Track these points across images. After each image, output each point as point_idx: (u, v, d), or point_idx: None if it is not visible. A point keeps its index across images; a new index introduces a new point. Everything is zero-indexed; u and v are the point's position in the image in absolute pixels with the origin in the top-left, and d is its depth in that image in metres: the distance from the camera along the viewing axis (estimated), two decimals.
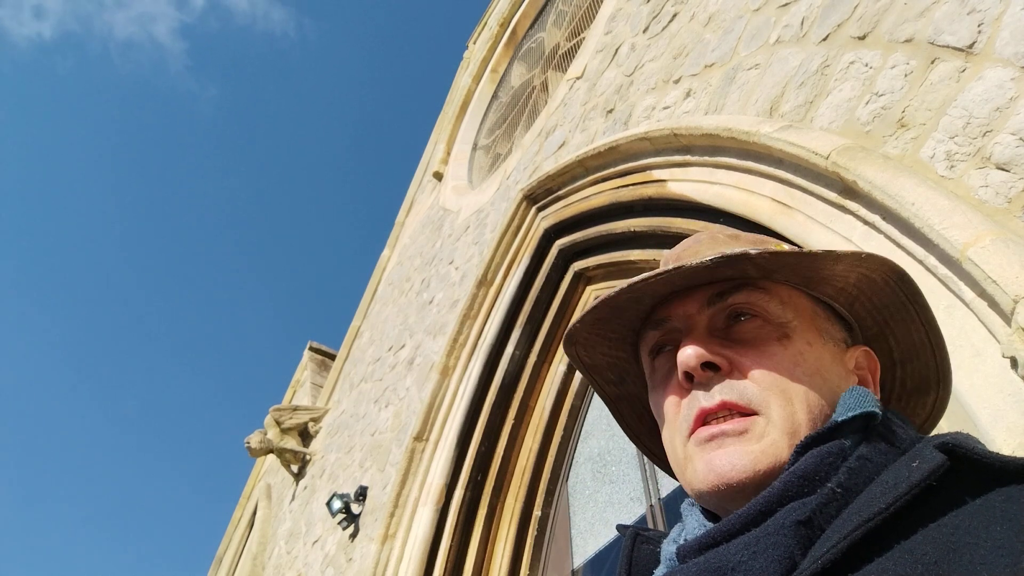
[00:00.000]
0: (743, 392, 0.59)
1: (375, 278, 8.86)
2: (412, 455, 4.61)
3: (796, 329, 0.63)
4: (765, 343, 0.62)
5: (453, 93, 9.74)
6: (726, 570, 0.49)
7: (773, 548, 0.48)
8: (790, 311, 0.64)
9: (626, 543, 0.64)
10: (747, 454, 0.56)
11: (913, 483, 0.46)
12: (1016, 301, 1.43)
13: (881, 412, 0.58)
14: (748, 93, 2.79)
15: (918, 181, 1.79)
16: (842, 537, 0.45)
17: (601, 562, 3.46)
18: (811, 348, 0.62)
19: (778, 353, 0.61)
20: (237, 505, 9.60)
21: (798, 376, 0.59)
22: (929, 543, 0.43)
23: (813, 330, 0.64)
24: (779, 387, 0.59)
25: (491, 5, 9.93)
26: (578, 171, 4.02)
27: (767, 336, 0.62)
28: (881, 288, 0.66)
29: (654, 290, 0.65)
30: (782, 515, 0.50)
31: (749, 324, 0.63)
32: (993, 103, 1.73)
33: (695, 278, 0.64)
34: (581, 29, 6.49)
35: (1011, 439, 1.42)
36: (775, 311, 0.63)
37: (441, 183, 8.31)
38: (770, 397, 0.58)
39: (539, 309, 4.51)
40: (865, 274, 0.65)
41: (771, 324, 0.63)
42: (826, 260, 0.63)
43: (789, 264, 0.63)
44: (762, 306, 0.63)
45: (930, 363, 0.69)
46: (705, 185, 2.86)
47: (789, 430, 0.57)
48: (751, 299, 0.63)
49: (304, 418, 7.65)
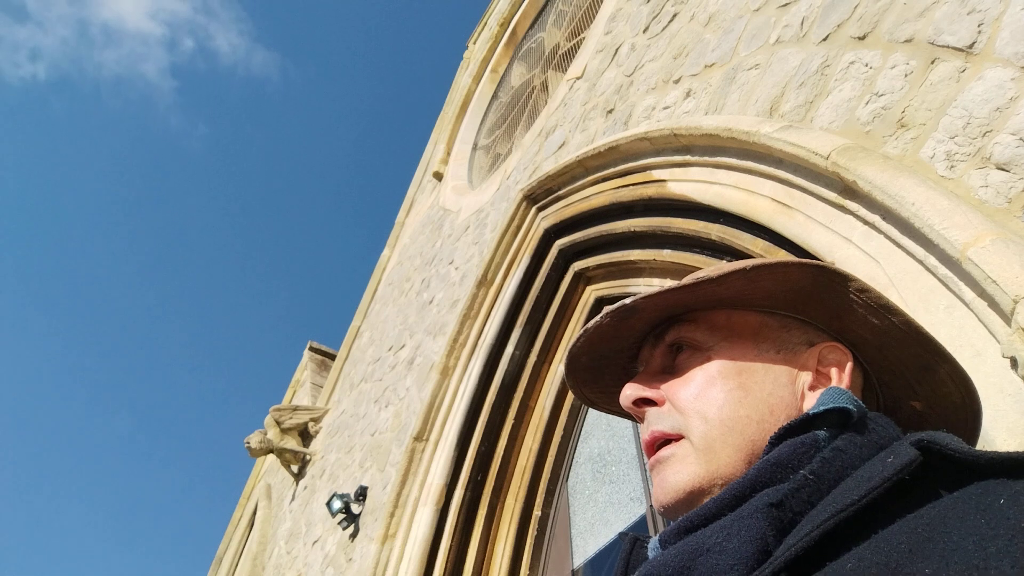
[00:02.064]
0: (670, 421, 0.65)
1: (375, 278, 8.86)
2: (412, 455, 4.60)
3: (720, 350, 0.67)
4: (688, 370, 0.68)
5: (453, 93, 9.74)
6: (701, 552, 0.51)
7: (747, 530, 0.50)
8: (719, 334, 0.68)
9: (624, 547, 0.67)
10: (675, 473, 0.62)
11: (886, 477, 0.48)
12: (1016, 301, 1.43)
13: (857, 409, 0.59)
14: (748, 93, 2.79)
15: (918, 181, 1.79)
16: (815, 526, 0.47)
17: (601, 562, 3.46)
18: (735, 363, 0.66)
19: (696, 377, 0.66)
20: (237, 505, 9.61)
21: (713, 395, 0.64)
22: (904, 533, 0.44)
23: (748, 344, 0.67)
24: (695, 409, 0.64)
25: (491, 5, 9.93)
26: (578, 171, 4.01)
27: (692, 363, 0.68)
28: (810, 288, 0.67)
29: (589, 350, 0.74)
30: (756, 500, 0.52)
31: (681, 356, 0.70)
32: (993, 103, 1.72)
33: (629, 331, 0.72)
34: (581, 29, 6.49)
35: (1011, 439, 1.42)
36: (702, 338, 0.69)
37: (441, 183, 8.31)
38: (689, 421, 0.64)
39: (539, 309, 4.51)
40: (781, 281, 0.66)
41: (699, 351, 0.68)
42: (708, 285, 0.67)
43: (681, 299, 0.69)
44: (690, 336, 0.69)
45: (908, 340, 0.67)
46: (705, 185, 2.86)
47: (704, 447, 0.62)
48: (681, 333, 0.70)
49: (304, 418, 7.65)
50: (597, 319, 0.70)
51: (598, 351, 0.75)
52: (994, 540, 0.40)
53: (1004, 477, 0.45)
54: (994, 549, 0.39)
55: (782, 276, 0.66)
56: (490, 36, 9.24)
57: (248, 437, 7.23)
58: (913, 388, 0.70)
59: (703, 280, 0.66)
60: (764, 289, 0.67)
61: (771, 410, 0.63)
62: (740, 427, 0.62)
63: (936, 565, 0.41)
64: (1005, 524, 0.40)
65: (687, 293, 0.68)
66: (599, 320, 0.70)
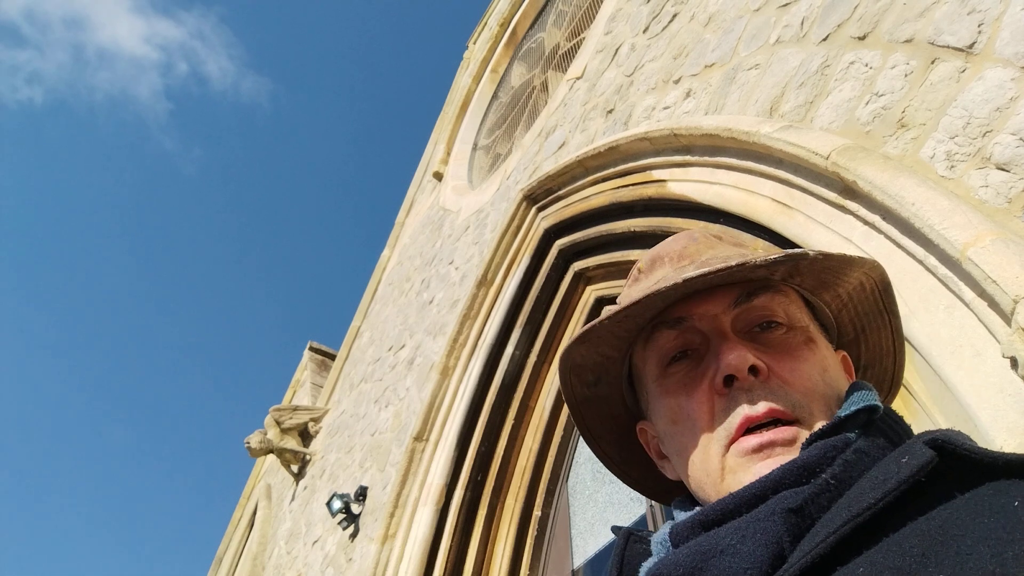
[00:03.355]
0: (787, 399, 0.58)
1: (375, 278, 8.85)
2: (412, 455, 4.60)
3: (816, 334, 0.64)
4: (797, 349, 0.61)
5: (453, 93, 9.74)
6: (715, 553, 0.49)
7: (762, 533, 0.48)
8: (806, 315, 0.65)
9: (619, 543, 0.64)
10: None
11: (902, 479, 0.46)
12: (1016, 301, 1.43)
13: (882, 406, 0.58)
14: (748, 93, 2.79)
15: (918, 181, 1.79)
16: (830, 532, 0.46)
17: (601, 562, 3.46)
18: (828, 352, 0.63)
19: (809, 359, 0.61)
20: (237, 505, 9.60)
21: (827, 381, 0.60)
22: (917, 536, 0.43)
23: (820, 334, 0.66)
24: (817, 393, 0.59)
25: (491, 5, 9.92)
26: (578, 171, 4.01)
27: (796, 341, 0.62)
28: (868, 296, 0.67)
29: (686, 290, 0.63)
30: (774, 502, 0.50)
31: (778, 330, 0.63)
32: (993, 103, 1.72)
33: (728, 278, 0.63)
34: (581, 29, 6.49)
35: (1011, 439, 1.42)
36: (796, 315, 0.64)
37: (441, 183, 8.31)
38: (811, 404, 0.58)
39: (539, 309, 4.50)
40: (862, 281, 0.66)
41: (795, 329, 0.63)
42: (849, 265, 0.64)
43: (819, 268, 0.63)
44: (784, 310, 0.63)
45: (888, 369, 0.71)
46: (705, 185, 2.86)
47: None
48: (774, 302, 0.63)
49: (304, 418, 7.65)
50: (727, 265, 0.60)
51: (613, 337, 0.68)
52: (1011, 545, 0.39)
53: (1017, 478, 0.44)
54: (1011, 555, 0.38)
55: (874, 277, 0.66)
56: (490, 36, 9.24)
57: (248, 437, 7.22)
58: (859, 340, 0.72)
59: (845, 259, 0.63)
60: (848, 286, 0.67)
61: (839, 403, 0.60)
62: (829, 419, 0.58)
63: (950, 571, 0.40)
64: (1021, 529, 0.40)
65: (835, 262, 0.63)
66: (759, 261, 0.60)
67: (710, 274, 0.60)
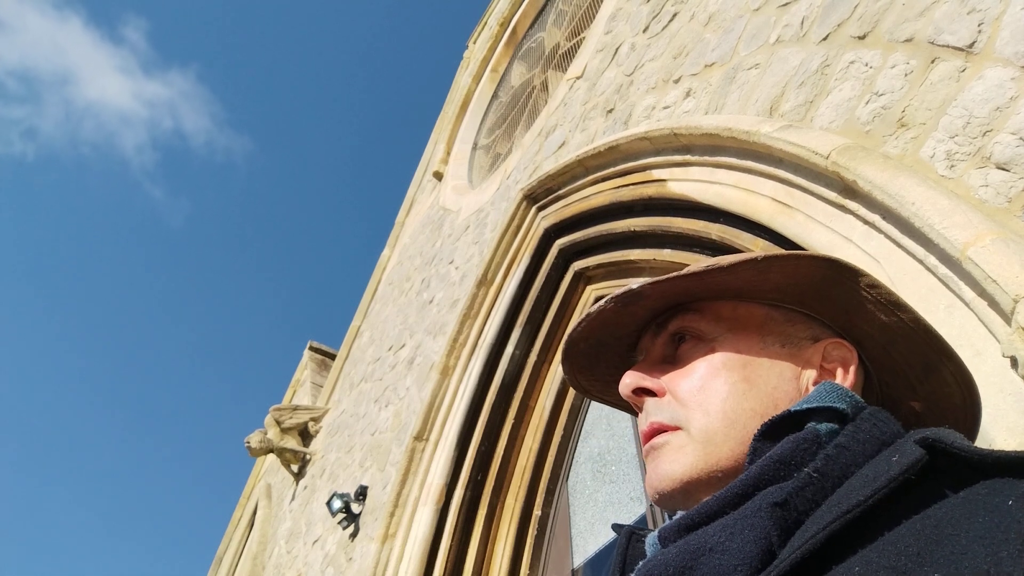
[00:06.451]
0: (670, 412, 0.64)
1: (375, 278, 8.85)
2: (412, 455, 4.60)
3: (725, 342, 0.66)
4: (690, 360, 0.66)
5: (453, 93, 9.74)
6: (704, 551, 0.50)
7: (750, 529, 0.49)
8: (724, 325, 0.67)
9: (621, 542, 0.65)
10: (671, 463, 0.61)
11: (892, 476, 0.47)
12: (1016, 301, 1.43)
13: (850, 407, 0.59)
14: (748, 93, 2.79)
15: (918, 181, 1.79)
16: (820, 528, 0.46)
17: (601, 562, 3.46)
18: (739, 355, 0.65)
19: (699, 368, 0.65)
20: (237, 505, 9.60)
21: (716, 387, 0.63)
22: (912, 535, 0.43)
23: (753, 337, 0.66)
24: (697, 401, 0.63)
25: (491, 5, 9.92)
26: (578, 171, 4.01)
27: (695, 353, 0.67)
28: (820, 282, 0.66)
29: (589, 335, 0.73)
30: (759, 498, 0.51)
31: (684, 346, 0.68)
32: (993, 103, 1.72)
33: (632, 318, 0.71)
34: (581, 29, 6.48)
35: (1011, 439, 1.41)
36: (706, 328, 0.68)
37: (441, 183, 8.31)
38: (689, 412, 0.63)
39: (539, 309, 4.50)
40: (791, 273, 0.65)
41: (703, 341, 0.67)
42: (718, 274, 0.65)
43: (689, 286, 0.67)
44: (695, 326, 0.68)
45: (915, 338, 0.66)
46: (705, 185, 2.86)
47: (703, 439, 0.61)
48: (685, 322, 0.69)
49: (304, 418, 7.65)
50: (601, 304, 0.69)
51: (598, 337, 0.74)
52: (1005, 544, 0.39)
53: (1011, 476, 0.44)
54: (1005, 554, 0.38)
55: (793, 268, 0.65)
56: (490, 36, 9.24)
57: (248, 437, 7.22)
58: (914, 388, 0.68)
59: (713, 268, 0.65)
60: (773, 281, 0.66)
61: (775, 405, 0.62)
62: (743, 420, 0.61)
63: (946, 570, 0.40)
64: (1016, 528, 0.40)
65: (696, 281, 0.66)
66: (603, 305, 0.69)
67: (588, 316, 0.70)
